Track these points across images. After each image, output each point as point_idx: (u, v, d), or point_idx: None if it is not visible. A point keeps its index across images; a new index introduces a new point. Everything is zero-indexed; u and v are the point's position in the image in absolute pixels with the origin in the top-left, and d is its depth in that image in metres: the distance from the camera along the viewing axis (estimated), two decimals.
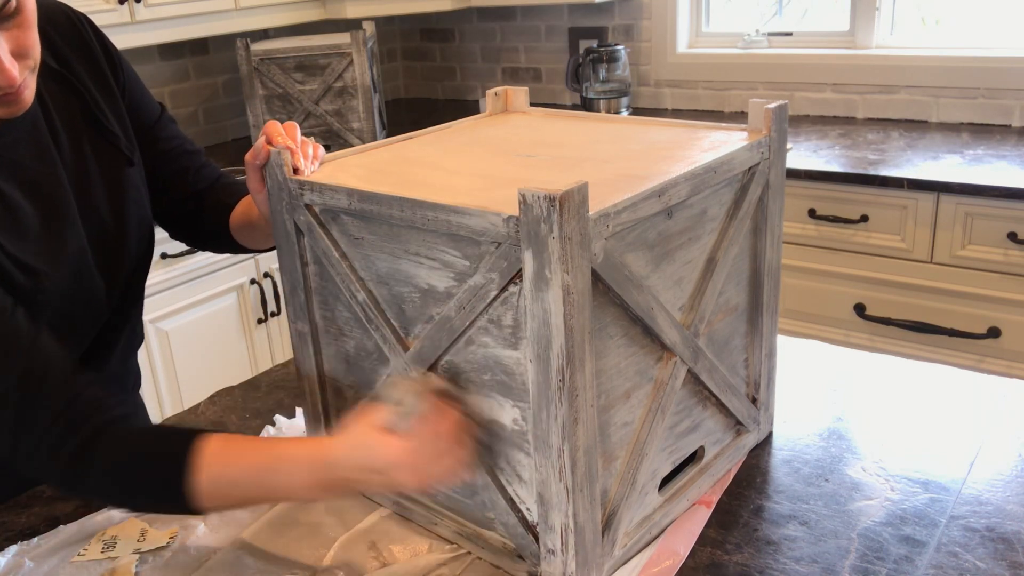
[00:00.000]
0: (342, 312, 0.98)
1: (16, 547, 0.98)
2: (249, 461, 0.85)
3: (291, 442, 0.88)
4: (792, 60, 2.84)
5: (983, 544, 0.90)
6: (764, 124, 0.99)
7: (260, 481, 0.84)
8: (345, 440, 0.83)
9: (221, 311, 2.52)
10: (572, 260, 0.74)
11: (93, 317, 1.06)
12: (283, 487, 0.84)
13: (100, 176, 1.05)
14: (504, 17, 3.41)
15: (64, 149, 1.02)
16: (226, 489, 0.84)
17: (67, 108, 1.03)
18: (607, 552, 0.88)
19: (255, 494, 0.86)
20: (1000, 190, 2.04)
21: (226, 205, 1.17)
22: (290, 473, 0.83)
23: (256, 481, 0.84)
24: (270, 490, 0.85)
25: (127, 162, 1.08)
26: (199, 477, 0.83)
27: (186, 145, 1.19)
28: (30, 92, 0.90)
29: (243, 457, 0.85)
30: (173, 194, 1.18)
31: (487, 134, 1.11)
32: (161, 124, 1.16)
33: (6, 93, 0.87)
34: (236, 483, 0.84)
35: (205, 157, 1.21)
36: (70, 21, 1.06)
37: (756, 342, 1.06)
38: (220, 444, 0.85)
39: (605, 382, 0.84)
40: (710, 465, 1.02)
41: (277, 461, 0.84)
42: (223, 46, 3.09)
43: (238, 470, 0.84)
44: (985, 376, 1.22)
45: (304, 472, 0.83)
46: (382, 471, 0.81)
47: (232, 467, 0.84)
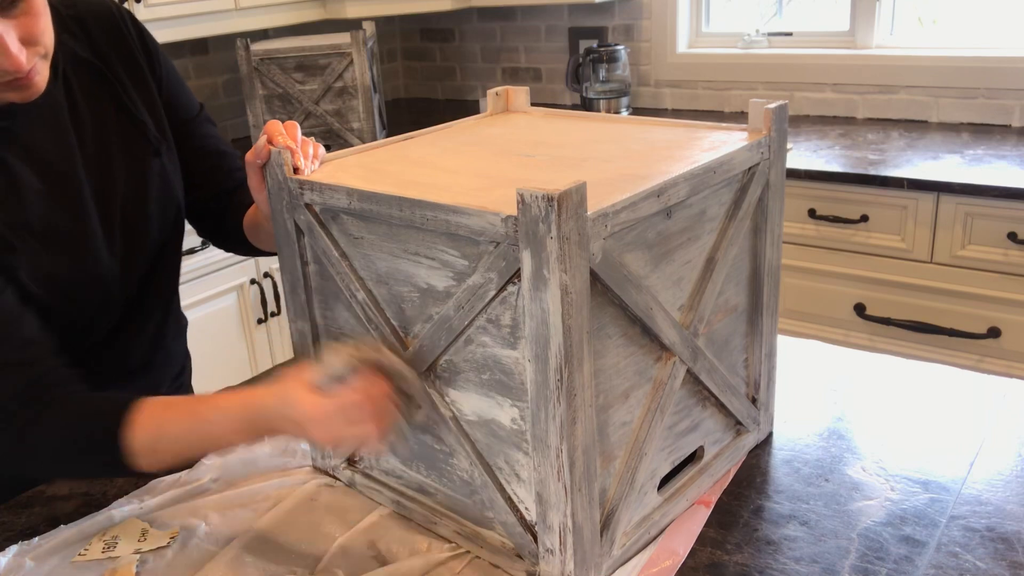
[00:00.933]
0: (342, 312, 0.98)
1: (16, 547, 0.98)
2: (183, 415, 0.90)
3: (221, 394, 0.94)
4: (792, 60, 2.84)
5: (983, 544, 0.90)
6: (764, 124, 0.99)
7: (194, 431, 0.90)
8: (273, 390, 0.89)
9: (221, 311, 2.52)
10: (570, 260, 0.74)
11: (101, 300, 1.08)
12: (215, 435, 0.90)
13: (124, 163, 1.09)
14: (504, 17, 3.41)
15: (87, 136, 1.06)
16: (163, 444, 0.90)
17: (96, 96, 1.08)
18: (606, 552, 0.88)
19: (190, 446, 0.91)
20: (1000, 190, 2.04)
21: (244, 205, 1.19)
22: (221, 421, 0.89)
23: (190, 432, 0.90)
24: (203, 439, 0.90)
25: (153, 151, 1.12)
26: (135, 434, 0.89)
27: (220, 145, 1.23)
28: (41, 78, 0.94)
29: (177, 412, 0.91)
30: (202, 191, 1.21)
31: (487, 134, 1.11)
32: (197, 122, 1.20)
33: (16, 78, 0.91)
34: (172, 437, 0.90)
35: (240, 160, 1.23)
36: (111, 15, 1.12)
37: (756, 342, 1.06)
38: (156, 404, 0.91)
39: (604, 382, 0.84)
40: (709, 465, 1.02)
41: (209, 410, 0.90)
42: (223, 46, 3.09)
43: (173, 424, 0.90)
44: (985, 376, 1.22)
45: (234, 419, 0.89)
46: (299, 423, 0.86)
47: (167, 422, 0.90)
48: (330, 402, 0.86)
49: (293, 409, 0.86)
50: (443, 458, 0.94)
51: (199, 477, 1.09)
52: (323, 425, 0.86)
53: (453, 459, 0.93)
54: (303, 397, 0.86)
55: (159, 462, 0.92)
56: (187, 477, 1.09)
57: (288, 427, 0.87)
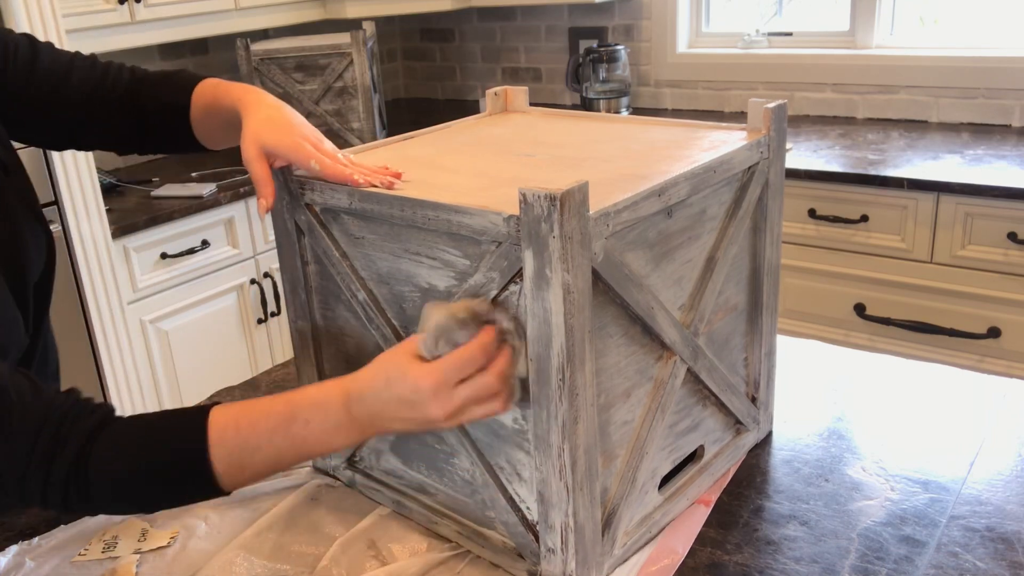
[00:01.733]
0: (342, 311, 0.98)
1: (16, 547, 0.98)
2: (266, 420, 0.78)
3: (309, 387, 0.81)
4: (792, 60, 2.85)
5: (983, 544, 0.90)
6: (763, 124, 0.99)
7: (283, 437, 0.77)
8: (370, 371, 0.78)
9: (221, 311, 2.52)
10: (572, 259, 0.74)
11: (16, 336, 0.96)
12: (309, 438, 0.78)
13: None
14: (504, 17, 3.41)
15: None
16: (248, 458, 0.77)
17: None
18: (607, 551, 0.88)
19: (280, 454, 0.78)
20: (1000, 190, 2.04)
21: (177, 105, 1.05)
22: (312, 421, 0.77)
23: (278, 439, 0.77)
24: (295, 444, 0.78)
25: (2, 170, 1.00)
26: (217, 453, 0.76)
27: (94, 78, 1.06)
28: None
29: (259, 418, 0.78)
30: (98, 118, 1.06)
31: (487, 134, 1.11)
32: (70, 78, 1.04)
33: None
34: (257, 447, 0.77)
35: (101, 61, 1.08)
36: None
37: (756, 341, 1.06)
38: (231, 412, 0.78)
39: (605, 381, 0.84)
40: (710, 464, 1.02)
41: (296, 410, 0.78)
42: (223, 46, 3.09)
43: (256, 433, 0.77)
44: (985, 376, 1.22)
45: (328, 415, 0.77)
46: (411, 402, 0.75)
47: (249, 431, 0.77)
48: (443, 364, 0.74)
49: (401, 385, 0.75)
50: (444, 458, 0.94)
51: None
52: (440, 397, 0.74)
53: (454, 459, 0.93)
54: (409, 369, 0.75)
55: (248, 479, 0.80)
56: None
57: (400, 411, 0.76)
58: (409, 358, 0.77)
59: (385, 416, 0.77)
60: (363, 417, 0.78)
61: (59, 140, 1.10)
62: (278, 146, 0.91)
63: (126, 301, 2.28)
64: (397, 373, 0.76)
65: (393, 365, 0.77)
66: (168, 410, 0.83)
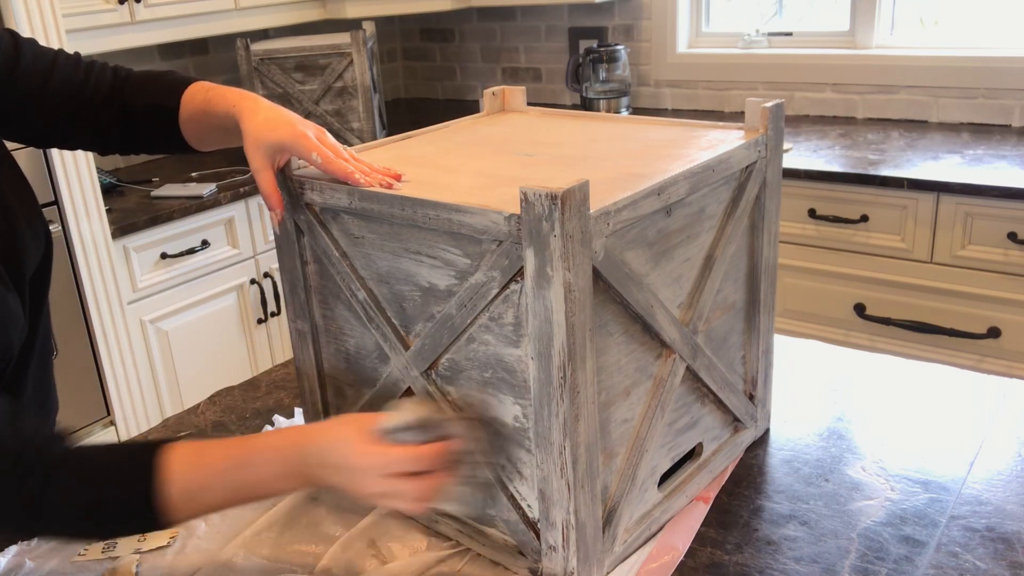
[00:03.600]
0: (342, 311, 0.98)
1: (16, 547, 0.98)
2: (220, 461, 0.81)
3: (264, 435, 0.85)
4: (792, 60, 2.84)
5: (983, 544, 0.90)
6: (761, 123, 0.99)
7: (233, 478, 0.81)
8: (323, 432, 0.82)
9: (221, 311, 2.52)
10: (573, 258, 0.74)
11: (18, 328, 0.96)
12: (257, 481, 0.81)
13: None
14: (504, 17, 3.41)
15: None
16: (199, 495, 0.80)
17: None
18: (607, 548, 0.88)
19: (229, 495, 0.82)
20: (1000, 190, 2.04)
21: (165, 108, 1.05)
22: (263, 464, 0.81)
23: (229, 480, 0.81)
24: (244, 486, 0.82)
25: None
26: (169, 488, 0.79)
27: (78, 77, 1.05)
28: None
29: (214, 458, 0.81)
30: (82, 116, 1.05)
31: (485, 133, 1.11)
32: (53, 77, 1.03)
33: None
34: (208, 487, 0.81)
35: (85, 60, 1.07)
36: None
37: (753, 339, 1.06)
38: (188, 450, 0.81)
39: (605, 379, 0.84)
40: (708, 461, 1.02)
41: (250, 454, 0.82)
42: (223, 46, 3.09)
43: (209, 472, 0.81)
44: (985, 376, 1.22)
45: (277, 462, 0.81)
46: (351, 473, 0.79)
47: (203, 469, 0.80)
48: (385, 453, 0.79)
49: (344, 456, 0.79)
50: None
51: None
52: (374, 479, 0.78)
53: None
54: (355, 444, 0.79)
55: (196, 514, 0.82)
56: None
57: (332, 476, 0.80)
58: (362, 432, 0.80)
59: (324, 475, 0.81)
60: (306, 471, 0.81)
61: (42, 138, 1.08)
62: (281, 140, 0.91)
63: (126, 301, 2.27)
64: (345, 443, 0.80)
65: (346, 432, 0.81)
66: (124, 444, 0.88)
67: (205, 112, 1.02)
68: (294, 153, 0.92)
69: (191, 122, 1.05)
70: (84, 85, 1.05)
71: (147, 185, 2.57)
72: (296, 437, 0.82)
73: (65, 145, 1.11)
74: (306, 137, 0.91)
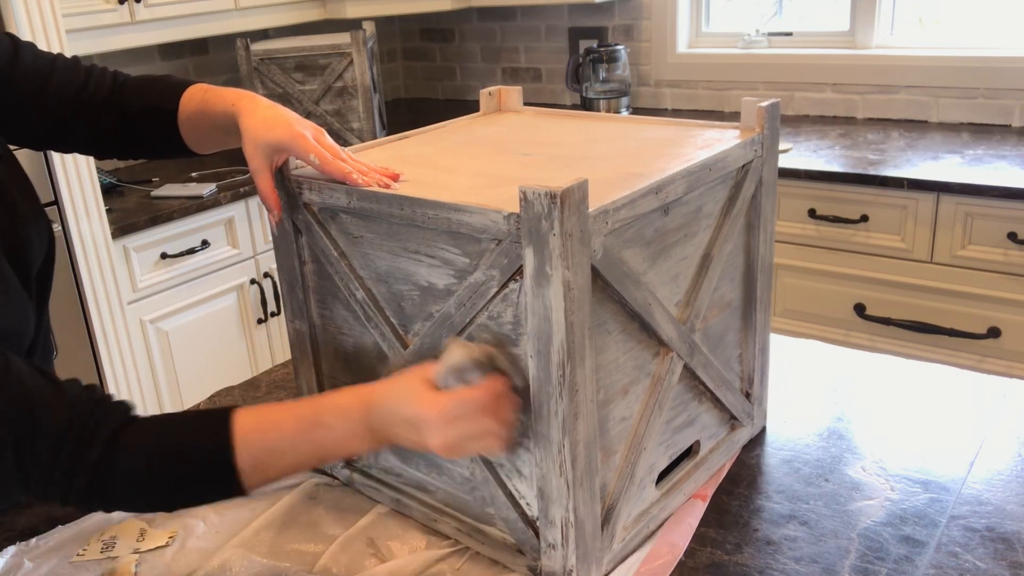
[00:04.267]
0: (340, 311, 0.98)
1: (15, 547, 0.97)
2: (290, 423, 0.81)
3: (330, 393, 0.85)
4: (792, 60, 2.84)
5: (983, 544, 0.90)
6: (757, 122, 0.99)
7: (306, 439, 0.81)
8: (389, 387, 0.82)
9: (221, 311, 2.52)
10: (572, 256, 0.74)
11: (27, 324, 0.96)
12: (330, 440, 0.81)
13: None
14: (504, 17, 3.41)
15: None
16: (273, 459, 0.80)
17: None
18: (606, 546, 0.88)
19: (301, 457, 0.82)
20: (1000, 190, 2.04)
21: (164, 110, 1.05)
22: (334, 425, 0.81)
23: (302, 441, 0.81)
24: (317, 446, 0.81)
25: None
26: (241, 455, 0.78)
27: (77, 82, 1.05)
28: None
29: (283, 421, 0.81)
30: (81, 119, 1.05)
31: (482, 133, 1.11)
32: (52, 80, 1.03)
33: None
34: (280, 450, 0.80)
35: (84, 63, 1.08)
36: None
37: (749, 337, 1.06)
38: (255, 415, 0.81)
39: (604, 377, 0.84)
40: (705, 459, 1.02)
41: (319, 414, 0.82)
42: (223, 46, 3.09)
43: (280, 435, 0.80)
44: (985, 376, 1.22)
45: (349, 420, 0.81)
46: (415, 426, 0.79)
47: (273, 433, 0.80)
48: (450, 399, 0.79)
49: (409, 407, 0.79)
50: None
51: None
52: (440, 429, 0.79)
53: None
54: (421, 395, 0.79)
55: (267, 479, 0.82)
56: None
57: (404, 430, 0.80)
58: (423, 384, 0.80)
59: (393, 431, 0.81)
60: (377, 427, 0.81)
61: (40, 140, 1.09)
62: (279, 140, 0.91)
63: (126, 301, 2.27)
64: (408, 395, 0.80)
65: (408, 386, 0.81)
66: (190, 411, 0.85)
67: (204, 112, 1.03)
68: (292, 153, 0.92)
69: (190, 123, 1.05)
70: (83, 88, 1.05)
71: (147, 185, 2.57)
72: (365, 395, 0.82)
73: (63, 148, 1.11)
74: (304, 137, 0.91)
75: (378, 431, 0.81)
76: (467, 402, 0.79)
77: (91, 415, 0.79)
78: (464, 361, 0.80)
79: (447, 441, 0.79)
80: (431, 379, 0.80)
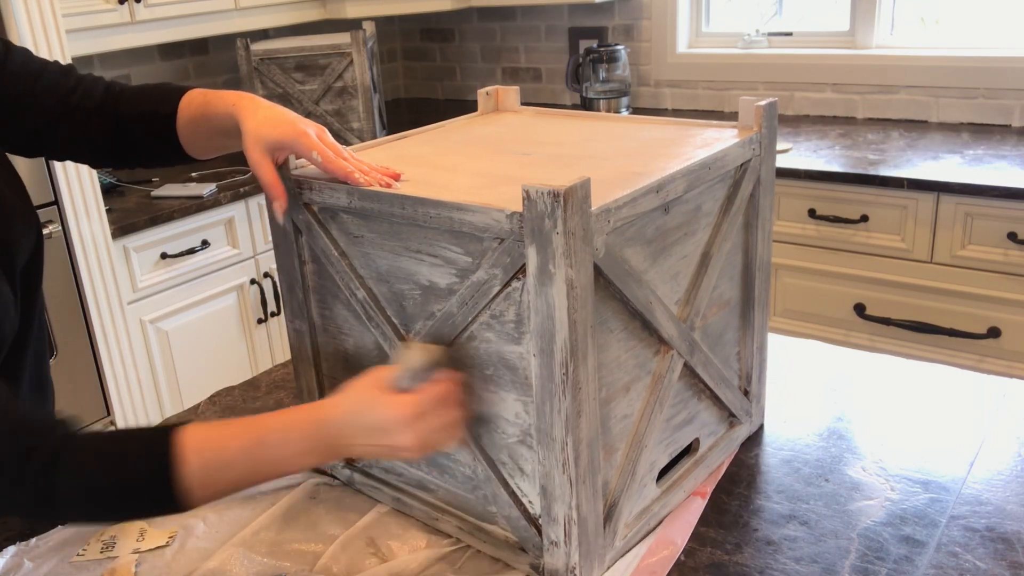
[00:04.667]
0: (341, 310, 0.98)
1: (15, 547, 0.97)
2: (237, 440, 0.81)
3: (280, 412, 0.84)
4: (792, 60, 2.84)
5: (983, 544, 0.90)
6: (755, 121, 1.00)
7: (252, 457, 0.80)
8: (342, 400, 0.82)
9: (221, 311, 2.52)
10: (575, 255, 0.74)
11: (8, 318, 0.96)
12: (277, 459, 0.81)
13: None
14: (504, 17, 3.41)
15: None
16: (217, 475, 0.80)
17: None
18: (608, 543, 0.88)
19: (248, 475, 0.81)
20: (1000, 190, 2.04)
21: (161, 114, 1.04)
22: (283, 443, 0.81)
23: (248, 459, 0.80)
24: (263, 465, 0.81)
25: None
26: (187, 469, 0.78)
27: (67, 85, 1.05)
28: None
29: (230, 438, 0.81)
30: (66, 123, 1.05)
31: (481, 133, 1.11)
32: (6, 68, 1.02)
33: None
34: (228, 465, 0.80)
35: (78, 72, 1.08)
36: None
37: (748, 335, 1.07)
38: (203, 431, 0.80)
39: (606, 375, 0.84)
40: (705, 457, 1.02)
41: (267, 433, 0.81)
42: (223, 46, 3.09)
43: (227, 452, 0.80)
44: (985, 376, 1.22)
45: (297, 438, 0.81)
46: (383, 430, 0.80)
47: (220, 450, 0.80)
48: (413, 398, 0.80)
49: (371, 415, 0.80)
50: (445, 454, 0.94)
51: None
52: (411, 428, 0.80)
53: (455, 455, 0.93)
54: (381, 400, 0.81)
55: (214, 495, 0.81)
56: None
57: (367, 438, 0.81)
58: (378, 390, 0.82)
59: (352, 442, 0.82)
60: (332, 442, 0.82)
61: (29, 146, 1.08)
62: (281, 138, 0.91)
63: (126, 301, 2.27)
64: (368, 403, 0.81)
65: (364, 395, 0.82)
66: (137, 428, 0.87)
67: (204, 114, 1.02)
68: (294, 150, 0.92)
69: (189, 126, 1.04)
70: (71, 92, 1.05)
71: (147, 185, 2.57)
72: (315, 411, 0.83)
73: (55, 153, 1.10)
74: (306, 135, 0.91)
75: (333, 445, 0.82)
76: (430, 398, 0.81)
77: (35, 423, 0.80)
78: (420, 362, 0.83)
79: (417, 438, 0.81)
80: (386, 384, 0.82)
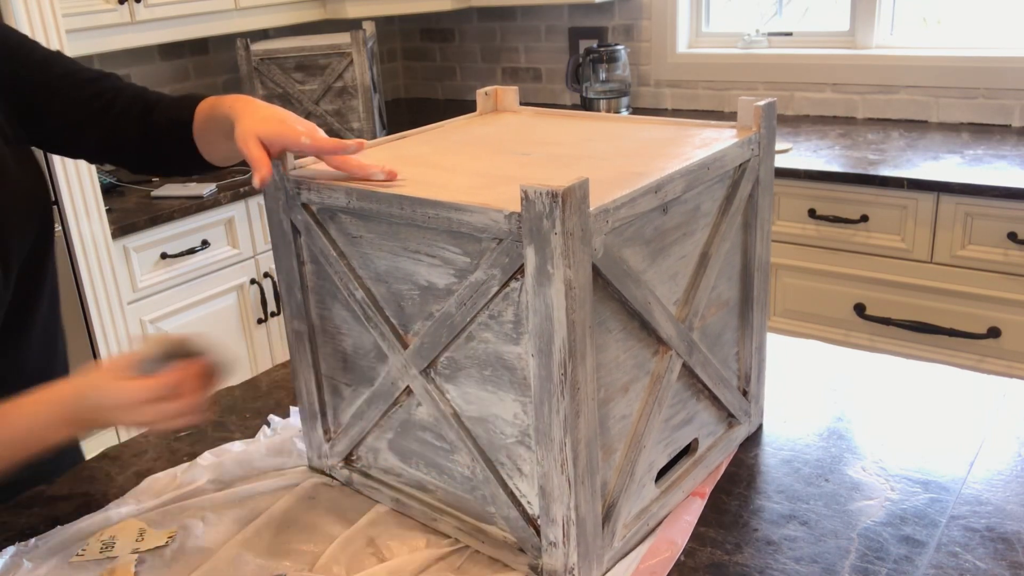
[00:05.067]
0: (339, 311, 0.98)
1: (14, 548, 0.97)
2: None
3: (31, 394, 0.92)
4: (792, 60, 2.84)
5: (983, 544, 0.90)
6: (754, 121, 1.00)
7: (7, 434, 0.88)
8: (87, 377, 0.90)
9: (221, 311, 2.52)
10: (574, 255, 0.74)
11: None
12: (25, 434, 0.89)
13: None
14: (504, 17, 3.41)
15: None
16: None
17: None
18: (607, 544, 0.88)
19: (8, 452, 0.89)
20: (1000, 190, 2.04)
21: (182, 123, 1.09)
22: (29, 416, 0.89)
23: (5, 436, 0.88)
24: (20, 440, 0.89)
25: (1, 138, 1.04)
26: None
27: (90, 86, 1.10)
28: None
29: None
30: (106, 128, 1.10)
31: (480, 133, 1.11)
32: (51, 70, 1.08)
33: None
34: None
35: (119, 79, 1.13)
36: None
37: (747, 336, 1.07)
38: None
39: (605, 375, 0.84)
40: (704, 457, 1.02)
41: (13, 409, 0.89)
42: (223, 46, 3.09)
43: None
44: (985, 376, 1.22)
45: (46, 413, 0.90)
46: (107, 409, 0.89)
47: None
48: (137, 385, 0.88)
49: (103, 396, 0.89)
50: (444, 455, 0.94)
51: (196, 478, 1.08)
52: (129, 410, 0.88)
53: (454, 455, 0.93)
54: (111, 383, 0.89)
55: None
56: (184, 478, 1.09)
57: (105, 415, 0.90)
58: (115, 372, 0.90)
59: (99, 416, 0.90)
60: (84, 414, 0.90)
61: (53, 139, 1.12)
62: (270, 130, 0.92)
63: (126, 301, 2.27)
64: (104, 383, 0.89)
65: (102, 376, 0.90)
66: None
67: (210, 118, 1.06)
68: (283, 140, 0.92)
69: (201, 131, 1.08)
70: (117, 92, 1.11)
71: (147, 185, 2.57)
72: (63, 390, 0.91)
73: (72, 151, 1.15)
74: (292, 129, 0.93)
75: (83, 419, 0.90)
76: (154, 386, 0.88)
77: None
78: (158, 351, 0.90)
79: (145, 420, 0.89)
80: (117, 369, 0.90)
